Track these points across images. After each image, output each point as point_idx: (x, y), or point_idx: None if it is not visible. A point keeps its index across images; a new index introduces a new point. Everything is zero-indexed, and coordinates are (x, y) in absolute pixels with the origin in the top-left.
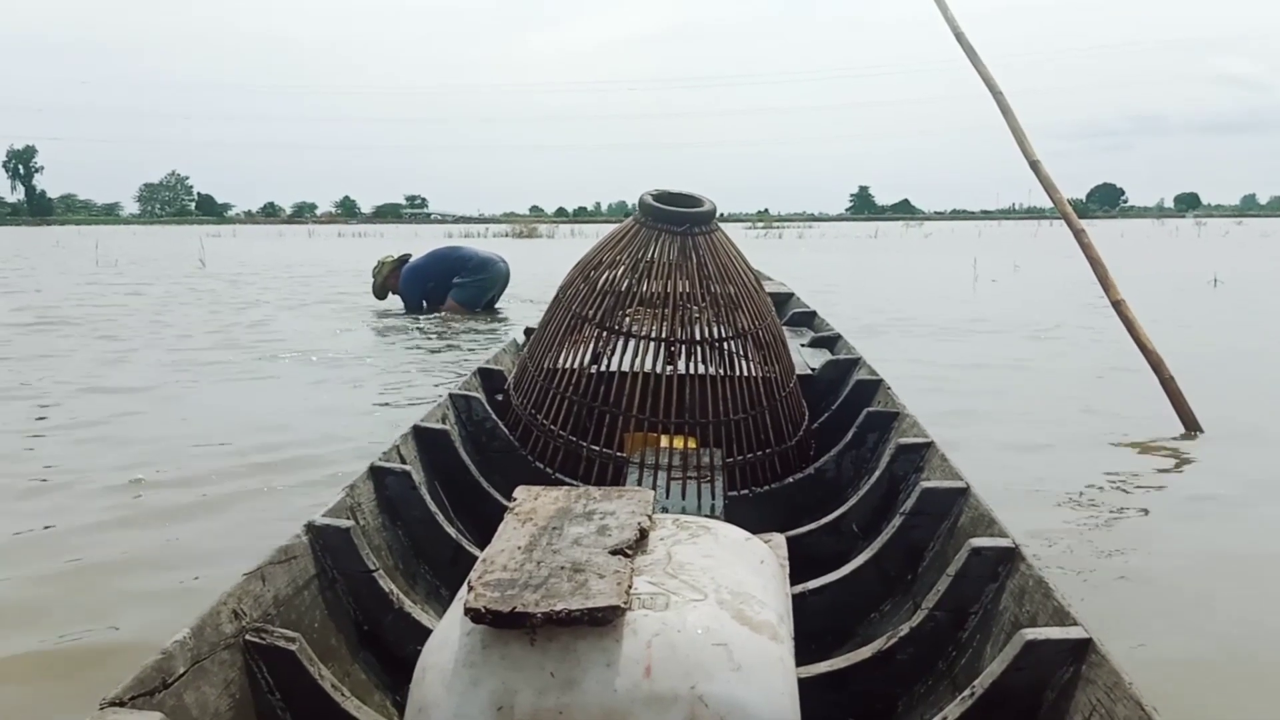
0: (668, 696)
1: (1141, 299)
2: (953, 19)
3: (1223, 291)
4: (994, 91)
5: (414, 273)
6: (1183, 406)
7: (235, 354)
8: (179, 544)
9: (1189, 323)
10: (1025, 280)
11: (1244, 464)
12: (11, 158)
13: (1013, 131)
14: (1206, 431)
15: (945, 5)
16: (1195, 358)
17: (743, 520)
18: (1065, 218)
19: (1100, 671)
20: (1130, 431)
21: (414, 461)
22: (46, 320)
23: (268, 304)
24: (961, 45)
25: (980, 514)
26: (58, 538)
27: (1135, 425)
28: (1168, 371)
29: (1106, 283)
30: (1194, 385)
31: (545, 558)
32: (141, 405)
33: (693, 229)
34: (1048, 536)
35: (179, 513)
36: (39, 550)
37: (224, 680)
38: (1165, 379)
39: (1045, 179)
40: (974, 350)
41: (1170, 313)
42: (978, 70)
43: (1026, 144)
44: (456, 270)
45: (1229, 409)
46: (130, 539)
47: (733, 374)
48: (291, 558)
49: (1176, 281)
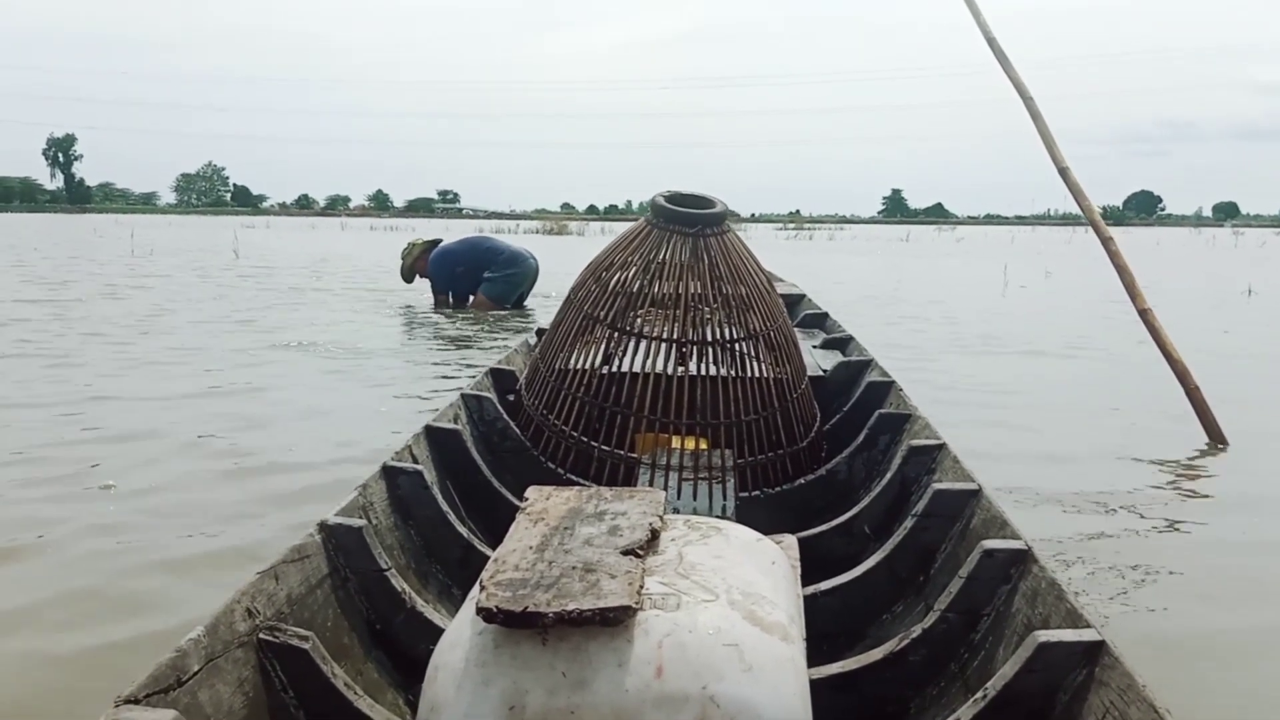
0: (679, 697)
1: (1174, 308)
2: (985, 24)
3: (1256, 302)
4: (1024, 97)
5: (444, 257)
6: (1208, 417)
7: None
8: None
9: (1220, 333)
10: (1056, 287)
11: (1268, 477)
12: (51, 145)
13: (1042, 138)
14: (1232, 444)
15: (978, 10)
16: (1224, 368)
17: (754, 521)
18: (1094, 225)
19: (1113, 674)
20: (1153, 441)
21: (426, 461)
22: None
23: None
24: (993, 49)
25: (992, 516)
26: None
27: (1158, 435)
28: (1193, 381)
29: (1133, 291)
30: (1222, 396)
31: (557, 558)
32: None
33: (704, 230)
34: (1059, 542)
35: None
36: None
37: (238, 678)
38: (1190, 389)
39: (1074, 186)
40: (995, 356)
41: (1202, 323)
42: (1009, 75)
43: (1056, 151)
44: (487, 262)
45: (1257, 421)
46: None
47: (744, 375)
48: (304, 557)
49: (1210, 291)
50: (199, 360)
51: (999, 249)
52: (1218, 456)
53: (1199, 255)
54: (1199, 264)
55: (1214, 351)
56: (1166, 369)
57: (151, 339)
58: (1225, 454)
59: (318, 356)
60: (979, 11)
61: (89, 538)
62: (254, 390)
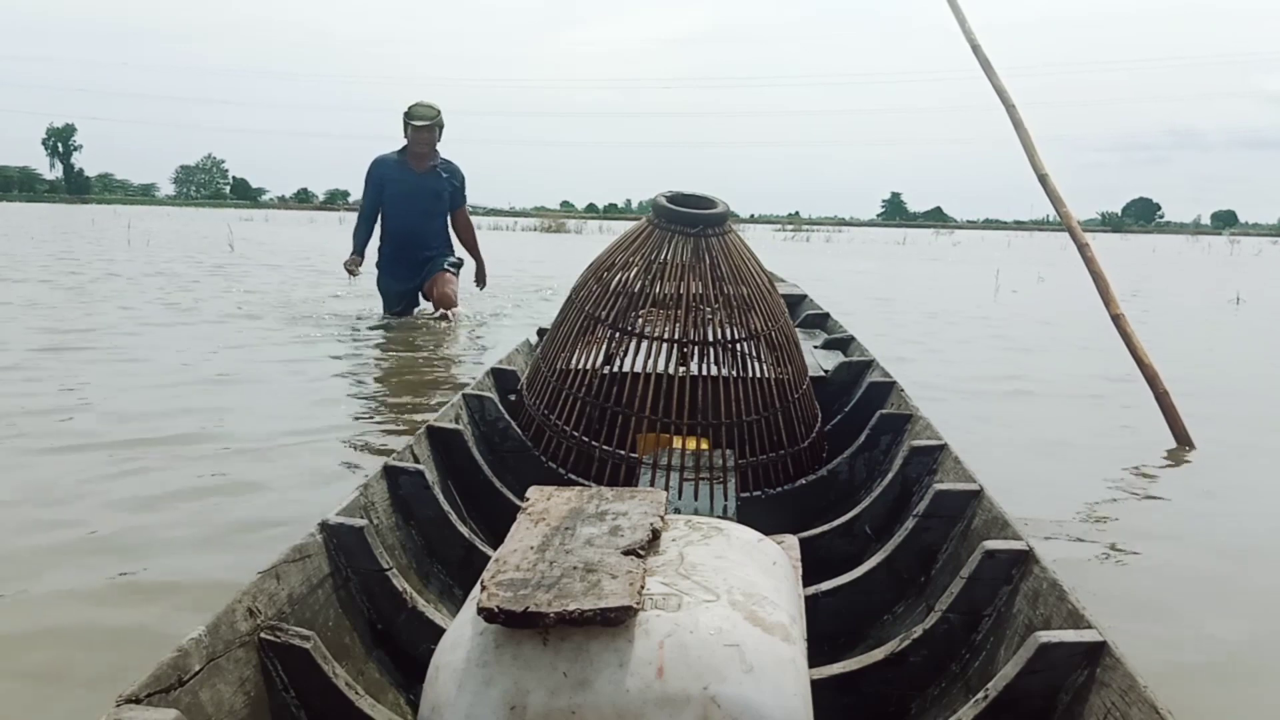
0: (680, 697)
1: (1160, 314)
2: (970, 30)
3: (1243, 310)
4: (1007, 104)
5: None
6: (1176, 421)
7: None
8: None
9: (1201, 339)
10: (1047, 291)
11: (1231, 480)
12: (51, 135)
13: (1023, 144)
14: (1199, 448)
15: (963, 16)
16: (1201, 374)
17: (755, 521)
18: (1070, 231)
19: (1115, 675)
20: (1120, 444)
21: (427, 461)
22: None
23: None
24: (977, 57)
25: (994, 516)
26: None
27: (1126, 438)
28: (1163, 386)
29: (1107, 296)
30: (1195, 401)
31: (558, 558)
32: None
33: (706, 230)
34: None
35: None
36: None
37: (239, 678)
38: (1160, 394)
39: (1053, 193)
40: (976, 359)
41: (1186, 329)
42: (991, 82)
43: (1036, 157)
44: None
45: (1224, 426)
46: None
47: (745, 375)
48: (306, 556)
49: (1199, 298)
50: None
51: (995, 253)
52: (1185, 457)
53: (1193, 262)
54: (1191, 270)
55: (1195, 356)
56: (1138, 373)
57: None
58: (1189, 455)
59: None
60: (964, 18)
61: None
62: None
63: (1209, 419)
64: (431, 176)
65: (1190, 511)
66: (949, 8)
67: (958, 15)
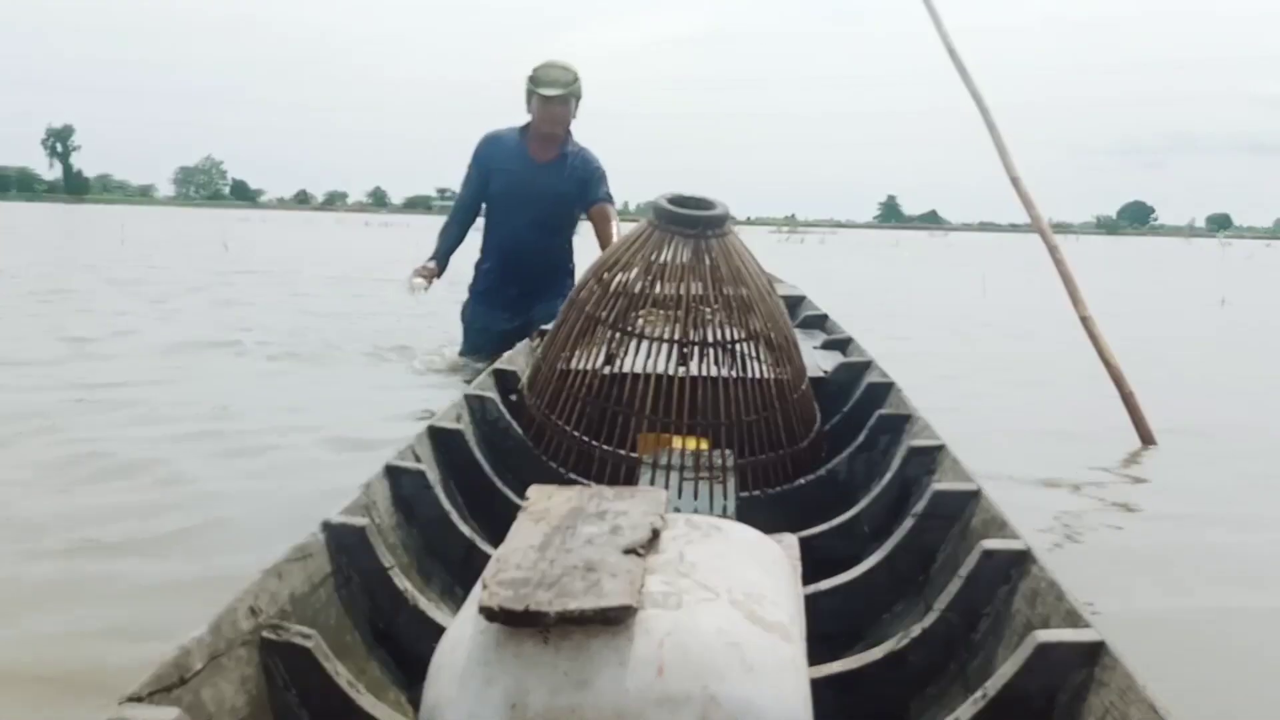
0: (680, 696)
1: (1146, 316)
2: (946, 34)
3: (1228, 311)
4: (981, 107)
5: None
6: (1139, 420)
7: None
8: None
9: (1181, 340)
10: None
11: (1186, 475)
12: (50, 135)
13: (996, 147)
14: (1159, 444)
15: (939, 20)
16: (1174, 374)
17: (754, 521)
18: (1041, 234)
19: (1113, 674)
20: (1085, 442)
21: (428, 461)
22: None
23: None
24: (953, 61)
25: (992, 516)
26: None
27: (1091, 436)
28: (1128, 386)
29: (1076, 298)
30: (1163, 400)
31: (558, 557)
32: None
33: (706, 232)
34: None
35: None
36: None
37: (240, 677)
38: (1125, 393)
39: (1024, 195)
40: (950, 357)
41: (1168, 330)
42: (966, 85)
43: (1008, 160)
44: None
45: (1186, 423)
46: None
47: (745, 376)
48: (307, 555)
49: (1185, 300)
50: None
51: (986, 255)
52: (1146, 453)
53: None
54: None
55: (1171, 357)
56: (1104, 373)
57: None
58: (1150, 452)
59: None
60: (940, 22)
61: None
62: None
63: (1172, 415)
64: (555, 170)
65: (1143, 508)
66: (926, 11)
67: (935, 20)
